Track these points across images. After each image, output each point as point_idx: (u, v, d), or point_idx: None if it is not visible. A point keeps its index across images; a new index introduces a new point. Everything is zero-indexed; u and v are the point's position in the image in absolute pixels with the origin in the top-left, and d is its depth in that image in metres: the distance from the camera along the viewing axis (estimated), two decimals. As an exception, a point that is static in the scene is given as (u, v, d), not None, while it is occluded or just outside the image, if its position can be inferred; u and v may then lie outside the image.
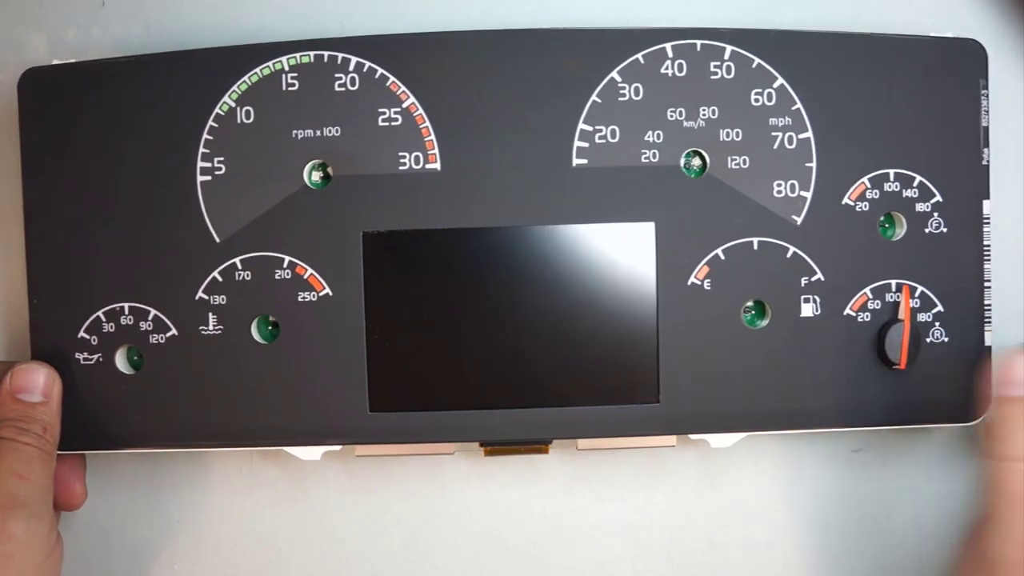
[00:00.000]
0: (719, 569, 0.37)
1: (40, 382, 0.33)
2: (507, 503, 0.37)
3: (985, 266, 0.34)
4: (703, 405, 0.34)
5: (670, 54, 0.33)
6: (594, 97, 0.33)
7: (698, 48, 0.33)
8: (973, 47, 0.34)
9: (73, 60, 0.34)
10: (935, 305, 0.34)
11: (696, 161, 0.34)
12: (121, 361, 0.34)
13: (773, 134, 0.33)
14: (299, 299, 0.33)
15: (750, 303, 0.34)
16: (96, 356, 0.34)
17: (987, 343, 0.34)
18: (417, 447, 0.34)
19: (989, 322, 0.34)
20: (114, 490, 0.37)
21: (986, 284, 0.34)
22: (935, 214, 0.34)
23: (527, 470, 0.37)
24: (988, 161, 0.34)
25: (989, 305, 0.34)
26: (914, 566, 0.37)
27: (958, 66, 0.34)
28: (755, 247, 0.33)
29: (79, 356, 0.34)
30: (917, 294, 0.34)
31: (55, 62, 0.34)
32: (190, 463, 0.37)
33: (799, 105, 0.33)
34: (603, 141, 0.33)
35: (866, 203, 0.34)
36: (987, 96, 0.34)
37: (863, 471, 0.37)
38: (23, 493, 0.31)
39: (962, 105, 0.34)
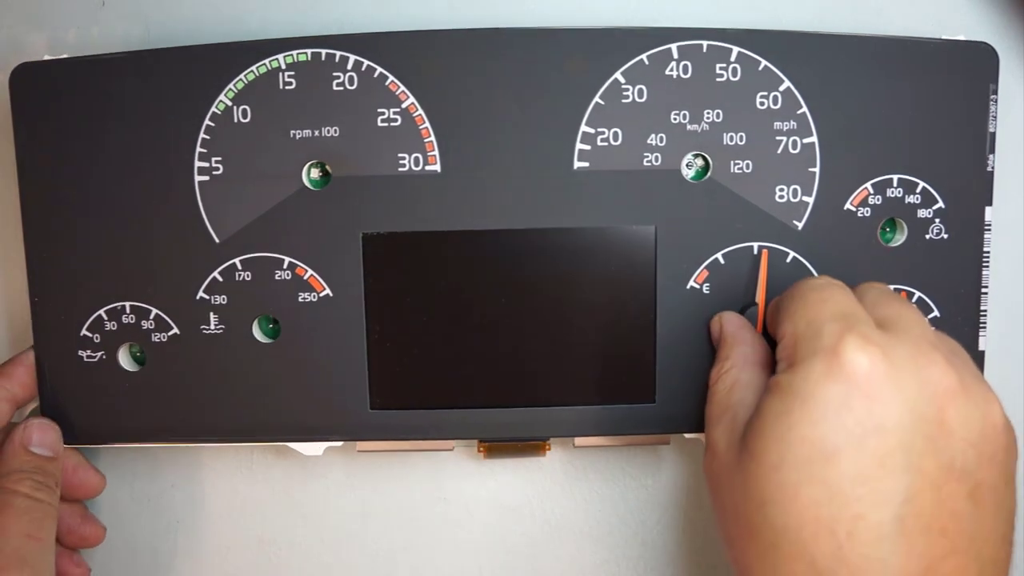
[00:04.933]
0: (718, 568, 0.38)
1: (54, 438, 0.33)
2: (506, 498, 0.38)
3: (984, 272, 0.34)
4: (698, 406, 0.34)
5: (675, 55, 0.33)
6: (597, 99, 0.33)
7: (704, 49, 0.33)
8: (984, 50, 0.33)
9: (66, 56, 0.33)
10: (931, 311, 0.34)
11: (698, 164, 0.33)
12: (124, 358, 0.34)
13: (777, 138, 0.33)
14: (300, 299, 0.34)
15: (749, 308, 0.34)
16: (99, 354, 0.34)
17: (980, 348, 0.34)
18: (417, 443, 0.35)
19: (984, 327, 0.34)
20: (114, 487, 0.38)
21: (983, 290, 0.34)
22: (937, 220, 0.34)
23: (525, 467, 0.38)
24: (993, 167, 0.33)
25: (985, 311, 0.34)
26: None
27: (967, 69, 0.33)
28: (755, 252, 0.33)
29: (82, 354, 0.34)
30: (914, 300, 0.34)
31: (47, 57, 0.33)
32: (190, 458, 0.38)
33: (805, 109, 0.33)
34: (605, 144, 0.33)
35: (868, 209, 0.33)
36: (996, 100, 0.33)
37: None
38: (32, 554, 0.30)
39: (970, 109, 0.33)
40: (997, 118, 0.33)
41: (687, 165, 0.33)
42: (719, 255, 0.34)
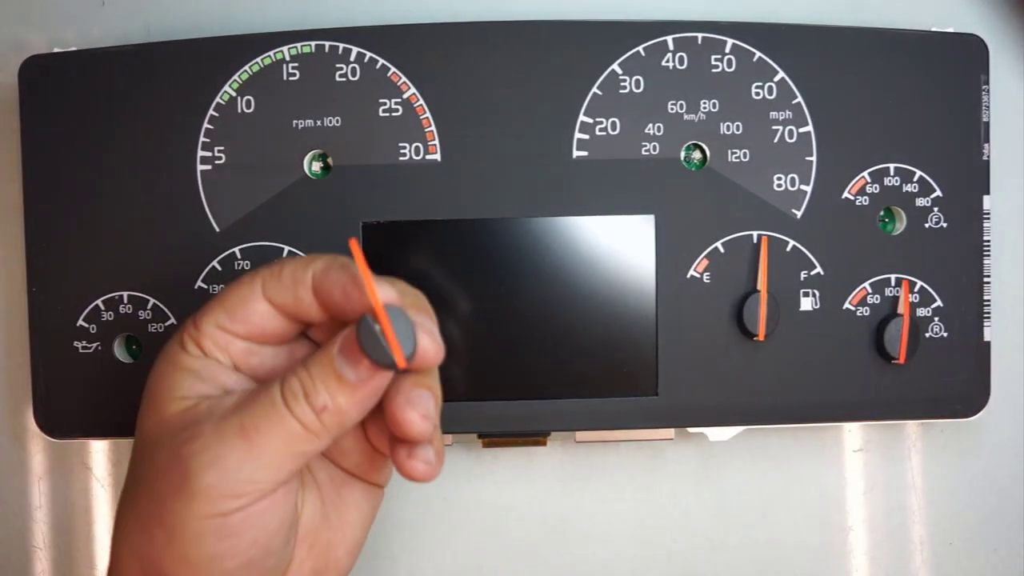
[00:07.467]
0: (719, 567, 0.37)
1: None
2: (504, 494, 0.37)
3: (984, 261, 0.34)
4: (701, 398, 0.34)
5: (671, 47, 0.33)
6: (595, 89, 0.33)
7: (699, 41, 0.33)
8: (974, 42, 0.34)
9: (74, 48, 0.34)
10: (934, 300, 0.34)
11: (696, 154, 0.34)
12: (119, 350, 0.34)
13: (774, 127, 0.33)
14: (298, 289, 0.33)
15: (749, 296, 0.34)
16: (95, 345, 0.34)
17: (986, 339, 0.34)
18: (415, 438, 0.34)
19: (988, 317, 0.34)
20: (115, 487, 0.37)
21: (985, 279, 0.34)
22: (935, 209, 0.34)
23: (525, 462, 0.37)
24: (988, 156, 0.34)
25: (988, 300, 0.34)
26: (914, 566, 0.37)
27: (959, 61, 0.34)
28: (755, 240, 0.33)
29: (77, 344, 0.34)
30: (916, 289, 0.34)
31: (56, 50, 0.34)
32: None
33: (800, 99, 0.33)
34: (603, 133, 0.33)
35: (866, 197, 0.34)
36: (988, 91, 0.34)
37: (863, 469, 0.37)
38: None
39: (963, 100, 0.34)
40: (991, 109, 0.34)
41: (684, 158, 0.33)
42: (719, 244, 0.33)
